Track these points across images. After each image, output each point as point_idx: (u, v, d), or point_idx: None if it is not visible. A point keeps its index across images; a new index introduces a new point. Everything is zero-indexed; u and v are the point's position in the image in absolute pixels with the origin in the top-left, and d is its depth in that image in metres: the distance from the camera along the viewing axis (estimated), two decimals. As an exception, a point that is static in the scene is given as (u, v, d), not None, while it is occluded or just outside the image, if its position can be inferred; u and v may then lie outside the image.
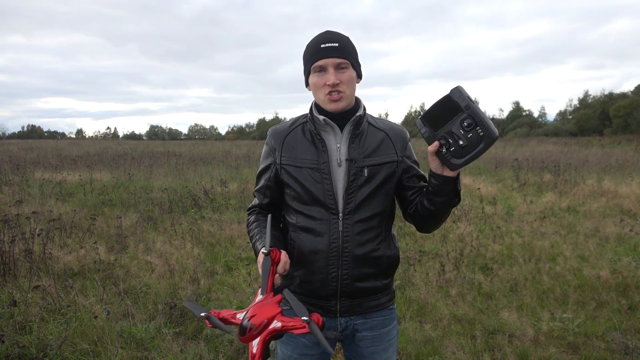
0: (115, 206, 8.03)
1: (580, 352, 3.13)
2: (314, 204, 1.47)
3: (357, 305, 1.51)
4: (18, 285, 4.01)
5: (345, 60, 1.42)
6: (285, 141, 1.52)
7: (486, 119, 1.24)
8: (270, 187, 1.56)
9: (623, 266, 4.64)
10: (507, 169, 13.02)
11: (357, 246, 1.46)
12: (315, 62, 1.42)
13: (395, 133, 1.54)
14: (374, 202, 1.48)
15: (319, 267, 1.47)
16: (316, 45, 1.43)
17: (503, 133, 55.80)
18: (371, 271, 1.49)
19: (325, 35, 1.44)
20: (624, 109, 40.59)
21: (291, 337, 1.54)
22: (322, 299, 1.50)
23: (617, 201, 8.16)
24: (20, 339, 3.02)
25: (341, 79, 1.42)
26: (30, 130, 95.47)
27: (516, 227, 6.42)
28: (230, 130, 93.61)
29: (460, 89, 1.26)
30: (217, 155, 19.60)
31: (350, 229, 1.46)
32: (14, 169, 12.06)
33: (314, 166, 1.47)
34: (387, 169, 1.49)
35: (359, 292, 1.50)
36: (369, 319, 1.54)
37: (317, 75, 1.44)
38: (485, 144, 1.24)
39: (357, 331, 1.54)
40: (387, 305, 1.57)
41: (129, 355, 2.96)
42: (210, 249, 5.53)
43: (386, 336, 1.57)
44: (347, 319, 1.52)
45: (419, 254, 5.24)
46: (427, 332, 3.35)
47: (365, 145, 1.49)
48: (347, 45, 1.44)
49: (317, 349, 1.54)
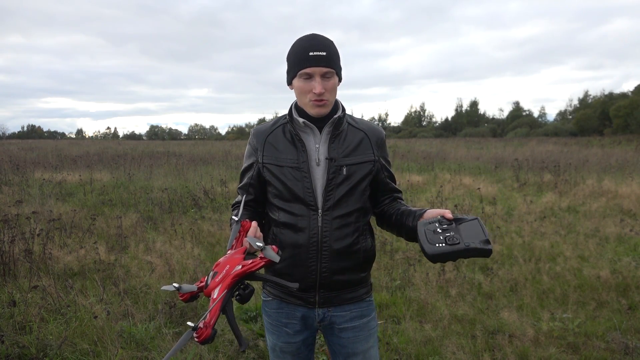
0: (115, 206, 8.03)
1: (581, 352, 3.13)
2: (295, 201, 1.54)
3: (335, 297, 1.58)
4: (18, 285, 4.01)
5: (331, 70, 1.48)
6: (266, 141, 1.60)
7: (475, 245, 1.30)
8: (253, 185, 1.63)
9: (623, 266, 4.64)
10: (507, 169, 13.02)
11: (335, 241, 1.52)
12: (303, 69, 1.47)
13: (374, 133, 1.62)
14: (352, 199, 1.55)
15: (299, 260, 1.53)
16: (304, 52, 1.47)
17: (503, 133, 55.84)
18: (349, 264, 1.55)
19: (313, 42, 1.48)
20: (624, 109, 40.57)
21: (275, 326, 1.64)
22: (302, 290, 1.57)
23: (617, 201, 8.16)
24: (20, 339, 3.02)
25: (326, 88, 1.48)
26: (30, 130, 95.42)
27: (516, 227, 6.41)
28: (230, 130, 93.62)
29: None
30: (217, 155, 19.61)
31: (329, 225, 1.52)
32: (14, 169, 12.06)
33: (294, 165, 1.54)
34: (365, 168, 1.57)
35: (337, 285, 1.56)
36: (347, 310, 1.60)
37: (303, 81, 1.49)
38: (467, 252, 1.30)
39: (335, 323, 1.61)
40: (364, 297, 1.64)
41: (129, 355, 2.96)
42: (210, 249, 5.53)
43: (365, 327, 1.63)
44: (324, 310, 1.59)
45: (419, 254, 5.24)
46: (427, 332, 3.35)
47: (345, 145, 1.56)
48: (333, 53, 1.50)
49: (299, 337, 1.63)
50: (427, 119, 78.50)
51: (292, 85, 1.56)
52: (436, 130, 67.60)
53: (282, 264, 1.55)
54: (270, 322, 1.66)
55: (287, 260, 1.55)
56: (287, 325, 1.61)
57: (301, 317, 1.60)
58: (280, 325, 1.63)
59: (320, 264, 1.53)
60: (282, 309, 1.62)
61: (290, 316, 1.61)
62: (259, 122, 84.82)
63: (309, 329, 1.63)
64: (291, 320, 1.61)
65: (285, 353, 1.64)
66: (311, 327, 1.63)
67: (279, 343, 1.64)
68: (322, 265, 1.53)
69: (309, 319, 1.61)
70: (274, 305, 1.63)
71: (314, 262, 1.52)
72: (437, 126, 73.02)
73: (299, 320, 1.61)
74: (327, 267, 1.53)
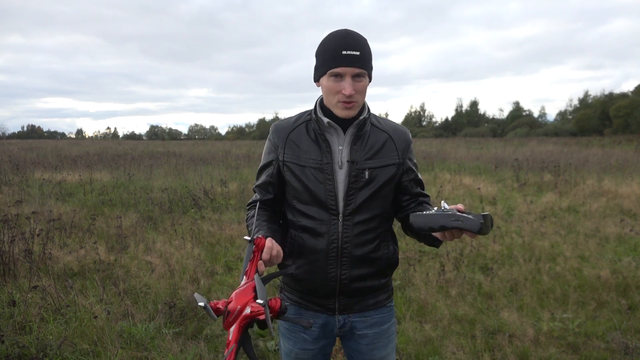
0: (115, 206, 8.03)
1: (581, 352, 3.12)
2: (314, 204, 1.46)
3: (355, 304, 1.53)
4: (18, 285, 4.01)
5: (364, 71, 1.38)
6: (288, 138, 1.50)
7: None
8: (273, 184, 1.54)
9: (623, 266, 4.64)
10: (507, 169, 13.01)
11: (356, 247, 1.46)
12: (334, 68, 1.37)
13: (398, 135, 1.52)
14: (374, 204, 1.47)
15: (318, 266, 1.47)
16: (337, 50, 1.36)
17: (503, 133, 55.85)
18: (370, 271, 1.50)
19: (347, 40, 1.37)
20: (624, 109, 40.59)
21: (293, 332, 1.57)
22: (321, 297, 1.51)
23: (617, 201, 8.16)
24: (20, 339, 3.02)
25: (357, 89, 1.39)
26: (30, 130, 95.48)
27: (516, 227, 6.41)
28: (230, 130, 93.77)
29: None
30: (217, 155, 19.60)
31: (350, 231, 1.46)
32: (14, 169, 12.06)
33: (318, 166, 1.45)
34: (388, 172, 1.48)
35: (357, 292, 1.51)
36: (367, 317, 1.55)
37: (333, 80, 1.39)
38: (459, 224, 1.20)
39: (355, 328, 1.55)
40: (385, 302, 1.58)
41: (129, 355, 2.95)
42: (210, 249, 5.53)
43: (385, 333, 1.58)
44: (345, 316, 1.54)
45: (419, 254, 5.24)
46: (427, 332, 3.35)
47: (367, 147, 1.47)
48: (366, 53, 1.39)
49: (318, 344, 1.56)
50: (427, 119, 78.61)
51: (319, 82, 1.45)
52: (436, 130, 67.67)
53: (300, 269, 1.50)
54: (287, 327, 1.59)
55: (305, 266, 1.49)
56: (305, 332, 1.55)
57: (321, 325, 1.54)
58: (298, 332, 1.56)
59: (340, 271, 1.46)
60: (300, 315, 1.57)
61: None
62: (259, 122, 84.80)
63: (328, 336, 1.57)
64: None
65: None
66: (331, 334, 1.57)
67: (294, 349, 1.57)
68: (342, 272, 1.46)
69: (329, 325, 1.55)
70: (292, 311, 1.58)
71: (333, 269, 1.46)
72: (437, 126, 73.11)
73: (319, 328, 1.54)
74: (347, 274, 1.47)
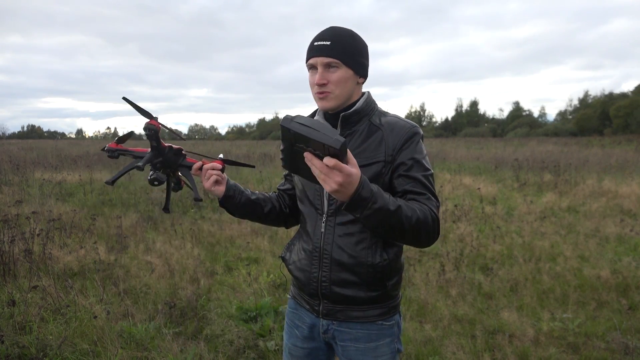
0: (115, 206, 8.03)
1: (581, 352, 3.12)
2: (307, 203, 1.50)
3: (339, 312, 1.47)
4: (18, 285, 4.01)
5: (335, 60, 1.33)
6: None
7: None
8: (289, 178, 1.65)
9: (623, 266, 4.64)
10: (507, 169, 13.02)
11: (336, 249, 1.41)
12: (308, 60, 1.38)
13: (394, 131, 1.39)
14: None
15: (304, 264, 1.49)
16: (311, 43, 1.38)
17: (503, 133, 55.83)
18: (352, 279, 1.41)
19: (322, 32, 1.37)
20: (624, 109, 40.61)
21: (290, 326, 1.60)
22: (309, 296, 1.52)
23: (618, 201, 8.16)
24: (20, 339, 3.01)
25: (329, 79, 1.35)
26: (30, 130, 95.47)
27: (516, 227, 6.41)
28: (230, 130, 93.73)
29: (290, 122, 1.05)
30: (217, 155, 19.56)
31: (332, 231, 1.42)
32: (14, 169, 12.05)
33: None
34: (371, 170, 1.36)
35: (339, 298, 1.44)
36: (351, 329, 1.46)
37: (310, 73, 1.40)
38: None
39: (337, 338, 1.49)
40: (374, 320, 1.45)
41: (128, 355, 2.95)
42: (210, 249, 5.53)
43: (372, 352, 1.46)
44: (328, 322, 1.49)
45: (419, 254, 5.24)
46: (427, 332, 3.35)
47: (355, 145, 1.40)
48: (340, 43, 1.34)
49: (307, 344, 1.56)
50: (427, 119, 78.59)
51: None
52: (436, 130, 67.69)
53: (293, 265, 1.54)
54: (286, 320, 1.64)
55: (296, 262, 1.52)
56: (297, 328, 1.57)
57: (310, 325, 1.54)
58: (292, 326, 1.59)
59: (321, 272, 1.45)
60: (296, 310, 1.58)
61: (301, 320, 1.56)
62: (259, 122, 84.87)
63: (317, 340, 1.54)
64: (301, 325, 1.56)
65: (293, 357, 1.59)
66: (319, 338, 1.53)
67: (288, 343, 1.61)
68: (322, 274, 1.44)
69: (315, 327, 1.53)
70: (292, 305, 1.61)
71: (315, 270, 1.46)
72: (437, 126, 73.13)
73: (308, 327, 1.54)
74: (326, 277, 1.43)
